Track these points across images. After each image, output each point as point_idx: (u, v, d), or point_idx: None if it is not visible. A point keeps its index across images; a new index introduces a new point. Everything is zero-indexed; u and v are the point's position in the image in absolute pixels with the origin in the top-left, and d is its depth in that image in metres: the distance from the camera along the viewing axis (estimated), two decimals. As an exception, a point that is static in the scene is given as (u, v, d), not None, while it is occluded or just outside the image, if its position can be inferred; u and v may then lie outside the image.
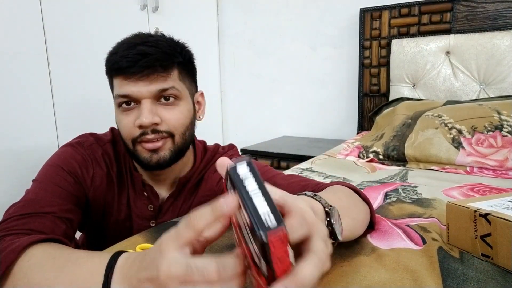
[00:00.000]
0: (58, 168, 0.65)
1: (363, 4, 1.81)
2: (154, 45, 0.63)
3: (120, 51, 0.63)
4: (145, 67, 0.62)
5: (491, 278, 0.48)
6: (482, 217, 0.51)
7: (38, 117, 1.34)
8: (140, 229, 0.74)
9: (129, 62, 0.61)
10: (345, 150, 1.42)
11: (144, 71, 0.62)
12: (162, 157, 0.66)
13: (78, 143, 0.71)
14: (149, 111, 0.63)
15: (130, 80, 0.63)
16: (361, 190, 0.91)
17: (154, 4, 1.76)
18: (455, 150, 1.16)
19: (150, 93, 0.63)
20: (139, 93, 0.63)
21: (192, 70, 0.73)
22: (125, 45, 0.64)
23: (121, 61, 0.62)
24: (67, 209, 0.61)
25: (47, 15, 1.34)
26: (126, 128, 0.66)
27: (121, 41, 0.66)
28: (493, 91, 1.50)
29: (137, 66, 0.61)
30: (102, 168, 0.71)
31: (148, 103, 0.63)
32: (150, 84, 0.63)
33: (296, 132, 2.23)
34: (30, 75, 1.30)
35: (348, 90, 2.00)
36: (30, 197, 0.60)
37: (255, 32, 2.26)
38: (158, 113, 0.64)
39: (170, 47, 0.66)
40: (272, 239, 0.27)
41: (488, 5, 1.52)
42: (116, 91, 0.65)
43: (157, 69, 0.63)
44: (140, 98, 0.63)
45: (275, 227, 0.28)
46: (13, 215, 0.56)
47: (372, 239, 0.60)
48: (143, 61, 0.61)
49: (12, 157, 1.26)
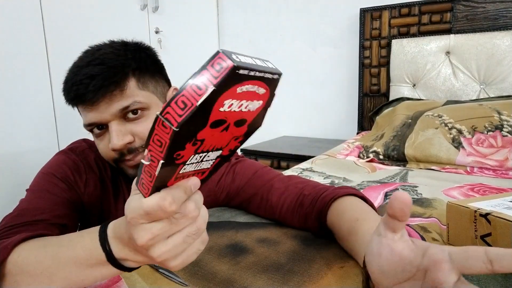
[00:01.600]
0: (50, 176, 0.65)
1: (363, 4, 1.81)
2: (100, 63, 0.59)
3: (70, 78, 0.60)
4: (96, 90, 0.57)
5: (491, 278, 0.48)
6: (482, 217, 0.51)
7: (38, 118, 1.34)
8: None
9: (79, 89, 0.58)
10: (345, 150, 1.42)
11: (96, 95, 0.57)
12: None
13: (70, 149, 0.71)
14: (117, 134, 0.59)
15: (88, 108, 0.59)
16: (361, 190, 0.92)
17: (154, 4, 1.76)
18: (455, 150, 1.16)
19: (113, 115, 0.59)
20: (102, 118, 0.60)
21: (154, 70, 0.66)
22: (74, 70, 0.60)
23: (72, 90, 0.59)
24: (60, 215, 0.61)
25: (47, 15, 1.34)
26: (103, 153, 0.64)
27: (72, 64, 0.63)
28: (493, 91, 1.49)
29: (88, 92, 0.57)
30: (95, 172, 0.70)
31: (115, 125, 0.60)
32: (109, 106, 0.59)
33: (296, 132, 2.23)
34: (30, 75, 1.30)
35: (348, 90, 2.00)
36: (22, 206, 0.60)
37: (255, 32, 2.26)
38: (129, 130, 0.61)
39: (119, 57, 0.61)
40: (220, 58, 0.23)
41: (488, 5, 1.52)
42: (83, 120, 0.62)
43: (109, 88, 0.58)
44: (105, 122, 0.60)
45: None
46: (5, 226, 0.56)
47: (372, 239, 0.60)
48: (92, 85, 0.57)
49: (12, 158, 1.26)
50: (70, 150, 0.71)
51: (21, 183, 0.72)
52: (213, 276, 0.49)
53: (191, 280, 0.48)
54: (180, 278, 0.48)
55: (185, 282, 0.47)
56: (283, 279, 0.49)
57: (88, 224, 0.73)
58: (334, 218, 0.57)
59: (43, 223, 0.58)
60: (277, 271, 0.51)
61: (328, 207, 0.59)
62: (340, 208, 0.58)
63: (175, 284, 0.47)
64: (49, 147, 1.36)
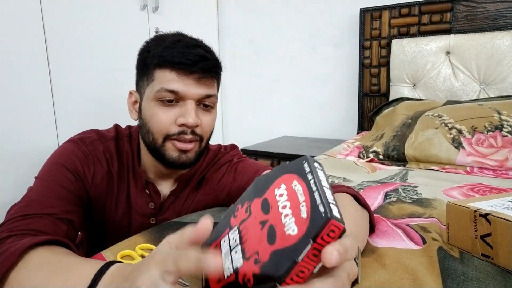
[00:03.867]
0: (60, 166, 0.65)
1: (363, 4, 1.81)
2: (209, 51, 0.66)
3: (179, 48, 0.63)
4: (204, 70, 0.63)
5: (491, 278, 0.48)
6: (482, 217, 0.51)
7: (38, 117, 1.34)
8: (140, 227, 0.74)
9: (190, 60, 0.62)
10: (345, 150, 1.42)
11: (201, 74, 0.64)
12: (188, 158, 0.67)
13: (80, 139, 0.70)
14: (196, 113, 0.65)
15: (184, 78, 0.63)
16: (361, 190, 0.92)
17: (154, 4, 1.76)
18: (455, 150, 1.16)
19: (198, 95, 0.65)
20: (188, 93, 0.64)
21: (219, 83, 0.76)
22: (181, 43, 0.64)
23: (181, 57, 0.62)
24: (68, 210, 0.61)
25: (47, 15, 1.34)
26: (162, 123, 0.65)
27: (170, 37, 0.66)
28: (493, 91, 1.49)
29: (197, 67, 0.63)
30: (103, 166, 0.70)
31: (193, 104, 0.65)
32: (200, 87, 0.64)
33: (296, 132, 2.23)
34: (30, 75, 1.30)
35: (348, 90, 2.00)
36: (32, 197, 0.60)
37: (255, 32, 2.26)
38: (199, 116, 0.66)
39: (218, 58, 0.69)
40: (332, 225, 0.28)
41: (488, 5, 1.52)
42: (162, 84, 0.64)
43: (211, 74, 0.65)
44: (187, 97, 0.64)
45: (338, 218, 0.28)
46: (15, 216, 0.56)
47: (372, 239, 0.60)
48: (203, 64, 0.63)
49: (12, 158, 1.26)
50: (79, 140, 0.70)
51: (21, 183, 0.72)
52: (213, 276, 0.49)
53: (191, 280, 0.48)
54: (180, 279, 0.48)
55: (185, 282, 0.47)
56: (283, 279, 0.49)
57: (90, 217, 0.73)
58: None
59: (51, 217, 0.58)
60: (277, 271, 0.51)
61: None
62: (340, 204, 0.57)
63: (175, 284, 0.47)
64: (49, 147, 1.36)
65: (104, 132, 0.75)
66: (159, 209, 0.75)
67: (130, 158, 0.74)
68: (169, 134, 0.65)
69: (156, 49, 0.65)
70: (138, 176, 0.73)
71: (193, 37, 0.69)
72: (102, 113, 1.55)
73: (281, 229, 0.31)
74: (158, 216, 0.76)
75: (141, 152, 0.75)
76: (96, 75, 1.53)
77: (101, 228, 0.75)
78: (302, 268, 0.28)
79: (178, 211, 0.76)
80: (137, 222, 0.75)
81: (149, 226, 0.74)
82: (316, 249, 0.28)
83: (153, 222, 0.75)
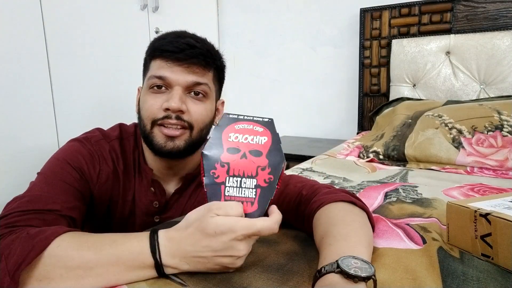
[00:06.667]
0: (65, 163, 0.65)
1: (363, 4, 1.81)
2: (201, 42, 0.68)
3: (170, 38, 0.66)
4: (190, 56, 0.65)
5: (491, 277, 0.48)
6: (482, 217, 0.51)
7: (38, 117, 1.34)
8: (144, 225, 0.74)
9: (176, 48, 0.64)
10: (345, 150, 1.42)
11: (188, 60, 0.65)
12: (176, 146, 0.67)
13: (85, 139, 0.70)
14: (179, 98, 0.65)
15: (171, 65, 0.65)
16: (361, 190, 0.92)
17: (154, 4, 1.76)
18: (455, 150, 1.16)
19: (186, 82, 0.65)
20: (175, 79, 0.65)
21: (222, 79, 0.76)
22: (174, 34, 0.67)
23: (168, 45, 0.65)
24: (71, 207, 0.61)
25: (47, 15, 1.34)
26: (150, 109, 0.66)
27: (171, 33, 0.70)
28: (493, 91, 1.49)
29: (183, 54, 0.64)
30: (109, 165, 0.70)
31: (179, 90, 0.65)
32: (187, 74, 0.65)
33: (296, 132, 2.23)
34: (30, 75, 1.30)
35: (348, 90, 2.00)
36: (34, 193, 0.59)
37: (255, 32, 2.26)
38: (186, 103, 0.66)
39: (213, 49, 0.70)
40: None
41: (488, 5, 1.52)
42: (153, 72, 0.67)
43: (200, 62, 0.66)
44: (174, 84, 0.65)
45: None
46: (16, 210, 0.55)
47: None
48: (189, 51, 0.64)
49: (12, 157, 1.26)
50: (85, 139, 0.70)
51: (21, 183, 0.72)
52: (213, 276, 0.49)
53: (190, 280, 0.48)
54: (180, 278, 0.48)
55: (184, 282, 0.47)
56: (282, 279, 0.49)
57: (93, 215, 0.72)
58: (313, 229, 0.57)
59: (54, 213, 0.57)
60: (276, 271, 0.51)
61: (313, 215, 0.59)
62: (318, 220, 0.57)
63: (175, 284, 0.47)
64: (49, 147, 1.36)
65: (108, 131, 0.75)
66: (164, 207, 0.75)
67: (136, 157, 0.74)
68: (155, 119, 0.66)
69: (153, 43, 0.69)
70: (144, 175, 0.73)
71: (197, 35, 0.70)
72: (102, 112, 1.55)
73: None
74: (163, 214, 0.76)
75: (145, 150, 0.75)
76: (96, 74, 1.53)
77: (105, 226, 0.75)
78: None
79: (182, 209, 0.76)
80: (142, 221, 0.75)
81: (153, 224, 0.74)
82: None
83: (157, 220, 0.76)
